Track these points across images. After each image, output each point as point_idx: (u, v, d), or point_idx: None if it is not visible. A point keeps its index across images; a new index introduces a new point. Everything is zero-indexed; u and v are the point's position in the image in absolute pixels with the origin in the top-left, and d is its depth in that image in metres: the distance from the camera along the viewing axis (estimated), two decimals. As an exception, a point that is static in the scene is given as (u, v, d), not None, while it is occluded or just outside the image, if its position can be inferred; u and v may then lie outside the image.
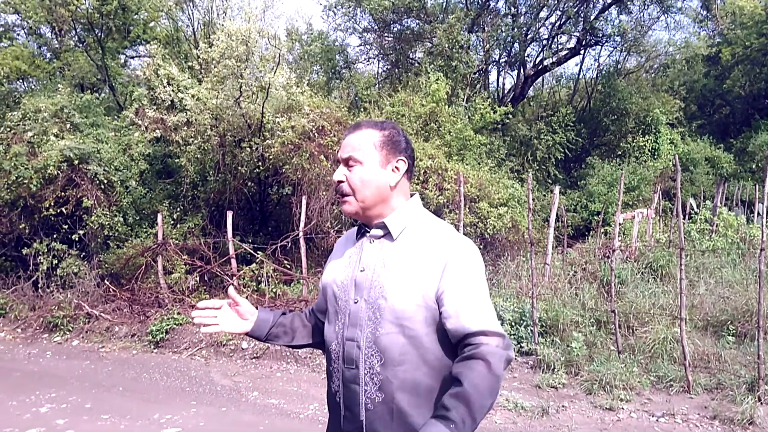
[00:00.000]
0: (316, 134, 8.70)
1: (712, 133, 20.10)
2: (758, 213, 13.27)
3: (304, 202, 7.82)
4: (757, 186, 12.45)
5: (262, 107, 8.69)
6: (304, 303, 7.66)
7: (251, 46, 7.91)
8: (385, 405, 1.61)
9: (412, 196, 1.80)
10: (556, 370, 5.78)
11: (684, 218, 12.71)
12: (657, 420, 4.84)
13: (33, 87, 14.65)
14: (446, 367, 1.62)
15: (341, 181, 1.73)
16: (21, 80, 14.89)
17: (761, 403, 4.85)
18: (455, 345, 1.61)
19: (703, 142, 18.04)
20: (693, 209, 13.22)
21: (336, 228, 8.64)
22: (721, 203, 13.56)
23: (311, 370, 6.47)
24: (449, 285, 1.59)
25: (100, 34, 12.02)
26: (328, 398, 1.82)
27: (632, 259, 9.35)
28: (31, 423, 5.12)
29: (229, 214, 7.94)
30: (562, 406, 5.14)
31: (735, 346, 6.01)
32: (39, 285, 9.01)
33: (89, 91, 12.40)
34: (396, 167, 1.74)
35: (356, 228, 1.85)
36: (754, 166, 17.19)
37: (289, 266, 8.54)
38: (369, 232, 1.77)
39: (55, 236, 9.04)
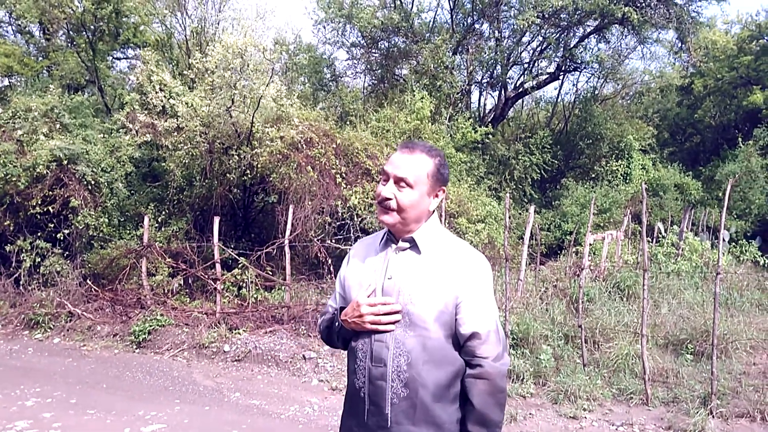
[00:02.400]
0: (304, 145, 8.97)
1: (683, 161, 20.87)
2: (722, 239, 13.90)
3: (291, 210, 8.07)
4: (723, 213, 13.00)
5: (252, 117, 8.93)
6: (286, 309, 7.88)
7: (246, 59, 8.18)
8: (409, 400, 1.82)
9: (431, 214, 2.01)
10: (525, 380, 6.10)
11: (652, 242, 13.24)
12: (616, 429, 5.18)
13: (17, 83, 14.66)
14: (462, 366, 1.88)
15: (389, 198, 1.88)
16: (6, 77, 14.88)
17: (712, 416, 5.23)
18: (462, 345, 1.87)
19: (674, 169, 18.75)
20: (661, 233, 13.77)
21: (319, 237, 8.89)
22: (687, 228, 14.14)
23: (292, 374, 6.69)
24: (466, 295, 1.86)
25: (91, 37, 12.15)
26: (348, 393, 1.99)
27: (601, 278, 9.78)
28: (18, 415, 5.26)
29: (216, 220, 8.14)
30: (530, 414, 5.46)
31: (693, 363, 6.41)
32: (21, 282, 9.05)
33: (77, 92, 12.52)
34: (437, 195, 1.97)
35: (379, 237, 2.05)
36: (720, 194, 17.89)
37: (271, 273, 8.76)
38: (395, 242, 1.96)
39: (39, 234, 9.10)
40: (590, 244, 9.84)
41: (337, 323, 2.01)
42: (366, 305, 1.87)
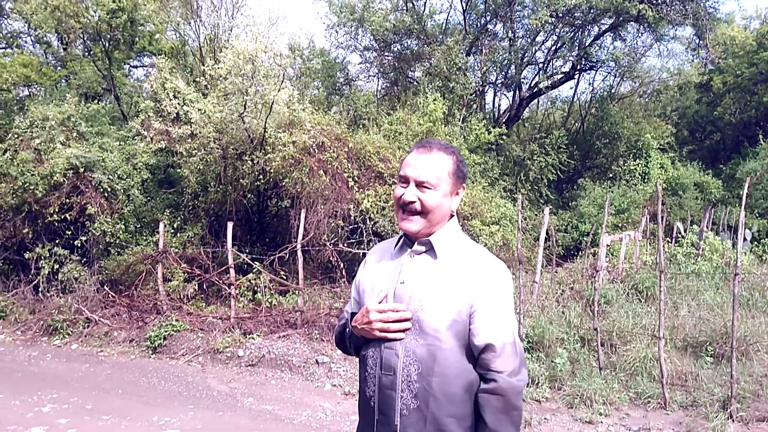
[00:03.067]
0: (316, 150, 8.99)
1: (703, 159, 20.53)
2: (744, 238, 13.62)
3: (303, 215, 8.08)
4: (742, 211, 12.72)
5: (265, 122, 8.98)
6: (300, 313, 7.88)
7: (257, 65, 8.23)
8: (419, 412, 1.74)
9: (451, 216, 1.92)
10: (540, 384, 6.02)
11: (671, 242, 13.03)
12: (634, 434, 5.09)
13: (36, 93, 14.93)
14: (476, 380, 1.77)
15: (413, 201, 1.81)
16: (25, 87, 15.16)
17: (732, 420, 5.10)
18: (476, 357, 1.77)
19: (693, 168, 18.45)
20: (680, 233, 13.54)
21: (332, 241, 8.89)
22: (707, 228, 13.89)
23: (305, 378, 6.68)
24: (482, 304, 1.76)
25: (107, 45, 12.32)
26: (360, 402, 1.92)
27: (619, 279, 9.63)
28: (35, 421, 5.32)
29: (230, 225, 8.18)
30: (545, 419, 5.39)
31: (712, 366, 6.27)
32: (39, 289, 9.19)
33: (94, 100, 12.69)
34: (457, 193, 1.90)
35: (394, 240, 1.96)
36: (741, 192, 17.55)
37: (285, 277, 8.78)
38: (410, 246, 1.88)
39: (57, 241, 9.24)
40: (607, 245, 9.71)
41: (348, 329, 1.96)
42: (375, 311, 1.80)
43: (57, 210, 8.97)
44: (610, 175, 17.64)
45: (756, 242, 13.93)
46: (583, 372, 6.10)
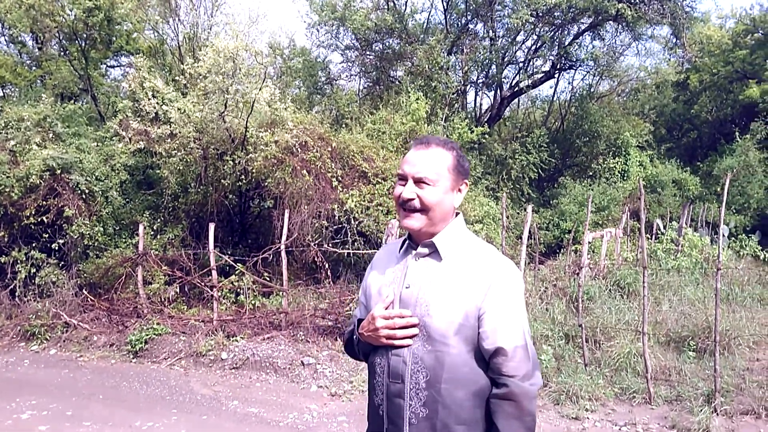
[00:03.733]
0: (298, 149, 8.91)
1: (680, 156, 20.84)
2: (722, 234, 13.80)
3: (287, 215, 8.00)
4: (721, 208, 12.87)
5: (246, 122, 8.88)
6: (284, 314, 7.81)
7: (238, 63, 8.13)
8: (429, 420, 1.69)
9: (456, 215, 1.87)
10: (526, 381, 6.02)
11: (651, 238, 13.18)
12: (620, 429, 5.12)
13: (10, 94, 14.61)
14: (488, 385, 1.72)
15: (411, 199, 1.76)
16: (0, 87, 14.84)
17: (716, 414, 5.16)
18: (487, 362, 1.72)
19: (671, 165, 18.71)
20: (660, 230, 13.71)
21: (316, 241, 8.82)
22: (686, 224, 14.08)
23: (290, 380, 6.61)
24: (490, 306, 1.70)
25: (84, 45, 12.10)
26: (369, 410, 1.87)
27: (601, 276, 9.71)
28: (13, 429, 5.19)
29: (211, 226, 8.07)
30: (532, 416, 5.39)
31: (695, 360, 6.35)
32: (16, 293, 8.97)
33: (70, 101, 12.46)
34: (459, 189, 1.84)
35: (400, 242, 1.91)
36: (719, 189, 17.84)
37: (268, 278, 8.69)
38: (414, 248, 1.83)
39: (34, 245, 9.02)
40: (589, 243, 9.78)
41: (356, 336, 1.91)
42: (381, 318, 1.75)
43: (33, 213, 8.75)
44: (590, 173, 17.81)
45: (733, 238, 14.16)
46: (569, 368, 6.13)
